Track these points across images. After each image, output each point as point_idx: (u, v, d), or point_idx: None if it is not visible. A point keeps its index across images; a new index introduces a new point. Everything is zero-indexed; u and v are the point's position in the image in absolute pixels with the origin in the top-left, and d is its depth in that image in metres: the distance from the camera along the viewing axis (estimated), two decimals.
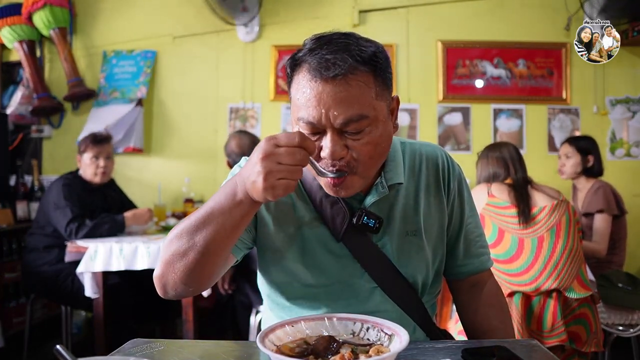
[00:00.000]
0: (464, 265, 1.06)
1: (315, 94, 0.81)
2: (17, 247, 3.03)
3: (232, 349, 0.85)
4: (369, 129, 0.83)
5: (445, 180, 1.02)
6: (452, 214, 1.04)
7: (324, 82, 0.81)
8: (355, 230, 0.94)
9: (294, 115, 0.88)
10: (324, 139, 0.83)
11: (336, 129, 0.82)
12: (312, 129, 0.83)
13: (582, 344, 1.77)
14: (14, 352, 2.76)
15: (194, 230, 0.80)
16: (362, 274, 0.96)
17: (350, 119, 0.81)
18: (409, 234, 0.97)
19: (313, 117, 0.82)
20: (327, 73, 0.80)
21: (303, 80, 0.83)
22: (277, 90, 3.44)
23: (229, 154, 2.59)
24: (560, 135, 3.30)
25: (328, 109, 0.81)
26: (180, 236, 0.81)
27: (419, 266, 0.98)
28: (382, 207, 0.96)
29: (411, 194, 0.99)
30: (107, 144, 2.64)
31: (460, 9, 3.35)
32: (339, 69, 0.80)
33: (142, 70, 3.50)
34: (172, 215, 3.02)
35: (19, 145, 3.53)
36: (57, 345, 0.67)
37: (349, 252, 0.95)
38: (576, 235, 1.85)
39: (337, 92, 0.80)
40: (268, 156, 0.72)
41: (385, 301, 0.97)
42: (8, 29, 3.35)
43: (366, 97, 0.82)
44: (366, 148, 0.84)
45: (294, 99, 0.87)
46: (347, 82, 0.81)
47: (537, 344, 0.86)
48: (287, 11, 3.41)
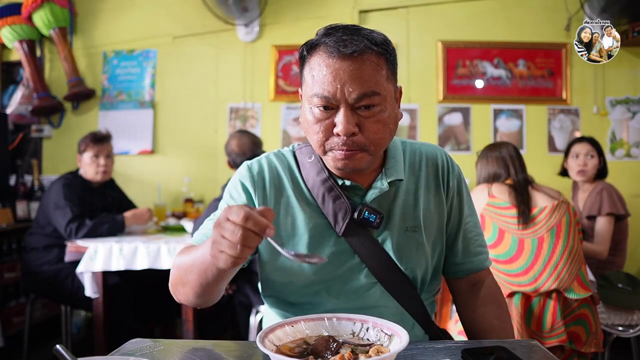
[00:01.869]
0: (462, 264, 1.07)
1: (332, 70, 0.85)
2: (17, 246, 3.03)
3: (232, 349, 0.85)
4: (379, 107, 0.88)
5: (445, 179, 1.04)
6: (451, 212, 1.05)
7: (341, 59, 0.85)
8: (356, 225, 0.96)
9: (306, 94, 0.91)
10: (337, 115, 0.87)
11: (349, 105, 0.86)
12: (327, 103, 0.87)
13: (582, 344, 1.77)
14: (14, 352, 2.76)
15: (184, 271, 0.88)
16: (362, 269, 0.97)
17: (365, 94, 0.85)
18: (408, 230, 0.99)
19: (328, 91, 0.86)
20: (345, 50, 0.85)
21: (319, 58, 0.88)
22: (277, 90, 3.44)
23: (229, 154, 2.59)
24: (561, 135, 3.30)
25: (344, 84, 0.85)
26: (178, 269, 0.91)
27: (418, 262, 0.99)
28: (383, 203, 0.98)
29: (411, 191, 1.02)
30: (107, 143, 2.64)
31: (461, 9, 3.35)
32: (355, 47, 0.85)
33: (146, 71, 3.51)
34: (172, 215, 3.02)
35: (19, 145, 3.53)
36: (57, 345, 0.68)
37: (350, 247, 0.97)
38: (576, 236, 1.85)
39: (352, 69, 0.85)
40: (217, 225, 0.71)
41: (384, 296, 0.98)
42: (8, 28, 3.35)
43: (379, 76, 0.87)
44: (376, 126, 0.88)
45: (307, 78, 0.90)
46: (363, 59, 0.85)
47: (536, 344, 0.86)
48: (287, 11, 3.41)
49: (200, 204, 3.27)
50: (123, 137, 3.43)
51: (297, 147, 1.06)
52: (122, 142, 3.43)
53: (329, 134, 0.89)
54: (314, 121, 0.90)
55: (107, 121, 3.44)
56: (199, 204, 3.26)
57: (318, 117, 0.89)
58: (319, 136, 0.90)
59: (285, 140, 3.44)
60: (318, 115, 0.89)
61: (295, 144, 1.08)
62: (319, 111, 0.89)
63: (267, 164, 1.03)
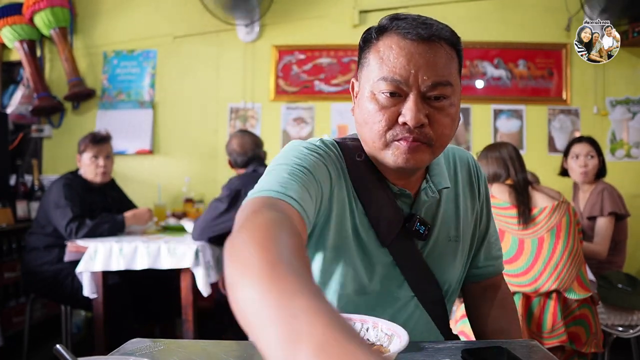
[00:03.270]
0: (484, 267, 1.04)
1: (406, 53, 0.77)
2: (17, 246, 3.02)
3: (232, 349, 0.85)
4: (449, 101, 0.80)
5: (476, 184, 1.00)
6: (481, 218, 1.01)
7: (417, 42, 0.77)
8: (403, 236, 0.88)
9: (369, 80, 0.80)
10: (405, 104, 0.78)
11: (421, 93, 0.77)
12: (395, 89, 0.77)
13: (582, 344, 1.77)
14: (14, 352, 2.76)
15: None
16: (402, 282, 0.90)
17: (440, 83, 0.77)
18: (451, 240, 0.94)
19: (400, 75, 0.77)
20: (424, 32, 0.77)
21: (390, 40, 0.79)
22: (277, 90, 3.44)
23: (230, 153, 2.59)
24: (561, 136, 3.30)
25: (418, 69, 0.76)
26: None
27: (455, 273, 0.95)
28: (428, 213, 0.92)
29: (451, 198, 0.96)
30: (107, 144, 2.64)
31: (461, 10, 3.35)
32: (434, 30, 0.77)
33: (146, 71, 3.51)
34: (172, 215, 3.01)
35: (19, 145, 3.53)
36: (57, 345, 0.67)
37: (392, 260, 0.89)
38: (576, 237, 1.84)
39: (430, 55, 0.77)
40: None
41: (418, 310, 0.92)
42: (8, 28, 3.35)
43: (452, 67, 0.80)
44: (445, 120, 0.80)
45: (372, 62, 0.80)
46: (441, 46, 0.78)
47: (536, 345, 0.86)
48: (288, 11, 3.41)
49: (200, 204, 3.27)
50: (123, 137, 3.43)
51: (341, 140, 0.92)
52: (121, 142, 3.42)
53: (393, 123, 0.79)
54: (377, 108, 0.79)
55: (107, 121, 3.43)
56: (199, 204, 3.26)
57: (383, 103, 0.79)
58: (381, 125, 0.79)
59: (285, 140, 3.44)
60: (383, 102, 0.79)
61: (324, 136, 0.93)
62: (385, 97, 0.78)
63: (329, 149, 0.88)
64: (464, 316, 1.62)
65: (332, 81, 3.40)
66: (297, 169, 0.75)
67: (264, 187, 0.71)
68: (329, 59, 3.41)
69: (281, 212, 0.62)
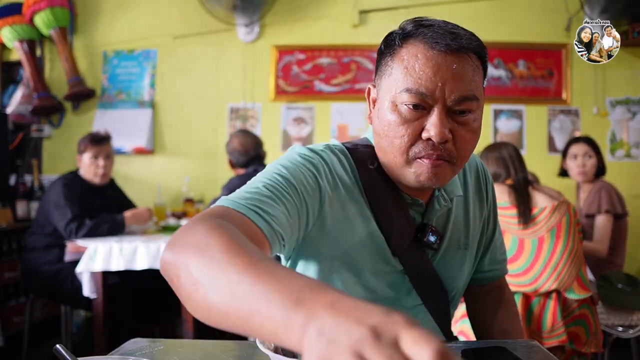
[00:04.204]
0: (489, 271, 1.03)
1: (433, 65, 0.73)
2: (17, 246, 3.03)
3: (232, 349, 0.85)
4: (473, 115, 0.76)
5: (484, 190, 0.98)
6: (488, 223, 1.00)
7: (445, 54, 0.73)
8: (415, 245, 0.86)
9: (390, 89, 0.76)
10: (430, 118, 0.74)
11: (446, 107, 0.74)
12: (420, 101, 0.73)
13: (582, 344, 1.77)
14: (14, 352, 2.76)
15: (212, 279, 0.52)
16: (410, 291, 0.89)
17: (466, 97, 0.74)
18: (460, 248, 0.92)
19: (426, 87, 0.72)
20: (453, 43, 0.73)
21: (415, 49, 0.74)
22: (277, 90, 3.44)
23: (231, 152, 2.59)
24: (561, 136, 3.30)
25: (445, 82, 0.72)
26: (202, 258, 0.56)
27: (462, 280, 0.95)
28: (439, 221, 0.90)
29: (461, 205, 0.94)
30: (107, 144, 2.64)
31: (461, 10, 3.35)
32: (464, 42, 0.74)
33: (146, 71, 3.51)
34: (171, 215, 3.01)
35: (19, 144, 3.53)
36: (57, 345, 0.67)
37: (402, 269, 0.87)
38: (576, 237, 1.84)
39: (458, 67, 0.73)
40: (371, 333, 0.37)
41: (424, 317, 0.92)
42: (8, 28, 3.35)
43: (478, 79, 0.77)
44: (469, 136, 0.76)
45: (395, 71, 0.76)
46: (469, 57, 0.75)
47: (536, 345, 0.86)
48: (288, 11, 3.41)
49: (200, 204, 3.27)
50: (123, 137, 3.43)
51: (352, 145, 0.88)
52: (121, 142, 3.42)
53: (416, 138, 0.75)
54: (400, 121, 0.75)
55: (106, 121, 3.43)
56: (199, 204, 3.26)
57: (406, 116, 0.75)
58: (404, 140, 0.75)
59: (285, 140, 3.44)
60: (406, 115, 0.75)
61: (332, 140, 0.90)
62: (408, 110, 0.74)
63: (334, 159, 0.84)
64: (464, 316, 1.62)
65: (332, 81, 3.40)
66: (275, 182, 0.73)
67: (231, 197, 0.70)
68: (329, 59, 3.41)
69: (231, 223, 0.62)
